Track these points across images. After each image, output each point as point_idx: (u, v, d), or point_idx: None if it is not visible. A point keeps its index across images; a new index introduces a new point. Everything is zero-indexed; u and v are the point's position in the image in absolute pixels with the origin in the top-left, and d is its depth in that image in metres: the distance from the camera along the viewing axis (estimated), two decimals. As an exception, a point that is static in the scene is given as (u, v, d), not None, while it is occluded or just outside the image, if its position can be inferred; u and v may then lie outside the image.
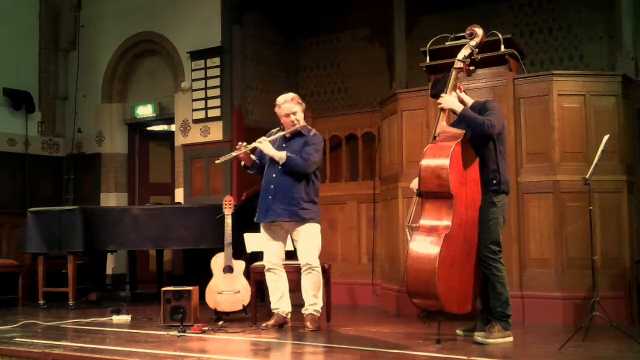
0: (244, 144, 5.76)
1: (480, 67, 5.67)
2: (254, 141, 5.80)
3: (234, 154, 5.78)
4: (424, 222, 4.85)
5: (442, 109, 5.01)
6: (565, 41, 8.07)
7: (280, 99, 5.84)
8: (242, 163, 5.90)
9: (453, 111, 5.00)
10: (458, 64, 5.07)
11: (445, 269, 4.66)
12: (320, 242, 5.77)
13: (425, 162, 4.86)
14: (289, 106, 5.79)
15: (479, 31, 5.10)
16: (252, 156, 5.86)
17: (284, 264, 5.86)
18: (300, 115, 5.82)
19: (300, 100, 5.87)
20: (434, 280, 4.60)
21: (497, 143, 4.99)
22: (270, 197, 5.72)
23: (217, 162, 5.87)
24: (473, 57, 5.11)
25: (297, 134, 5.82)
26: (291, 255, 5.91)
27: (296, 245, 5.76)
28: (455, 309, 4.85)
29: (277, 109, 5.86)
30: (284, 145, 5.80)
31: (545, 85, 6.12)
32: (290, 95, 5.86)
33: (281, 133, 5.84)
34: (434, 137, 5.01)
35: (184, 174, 9.28)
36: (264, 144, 5.74)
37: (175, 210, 7.98)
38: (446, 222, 4.76)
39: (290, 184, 5.67)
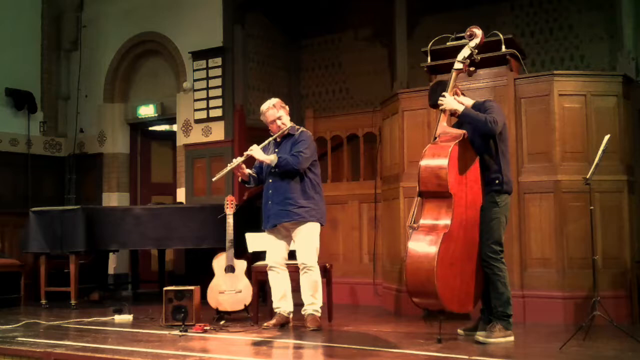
0: (237, 158, 5.82)
1: (481, 68, 5.69)
2: (253, 144, 5.85)
3: (228, 168, 5.81)
4: (424, 221, 4.87)
5: (443, 110, 5.03)
6: (566, 41, 8.08)
7: (264, 107, 5.91)
8: (240, 179, 5.98)
9: (454, 112, 5.01)
10: (458, 65, 5.09)
11: (444, 268, 4.67)
12: (318, 242, 5.78)
13: (425, 162, 4.88)
14: (273, 113, 5.84)
15: (478, 32, 5.12)
16: (248, 170, 5.90)
17: (287, 264, 5.87)
18: (285, 119, 5.87)
19: (283, 104, 5.92)
20: (433, 279, 4.61)
21: (499, 142, 5.00)
22: (269, 202, 5.78)
23: (214, 179, 5.91)
24: (473, 58, 5.13)
25: (286, 135, 5.88)
26: (293, 254, 5.92)
27: (295, 244, 5.79)
28: (456, 308, 4.86)
29: (262, 117, 5.95)
30: (276, 150, 5.85)
31: (546, 85, 6.13)
32: (273, 101, 5.91)
33: (270, 139, 5.89)
34: (435, 138, 5.02)
35: (186, 174, 9.30)
36: (255, 151, 5.79)
37: (176, 210, 7.99)
38: (445, 221, 4.77)
39: (286, 185, 5.71)
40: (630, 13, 7.13)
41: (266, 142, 5.89)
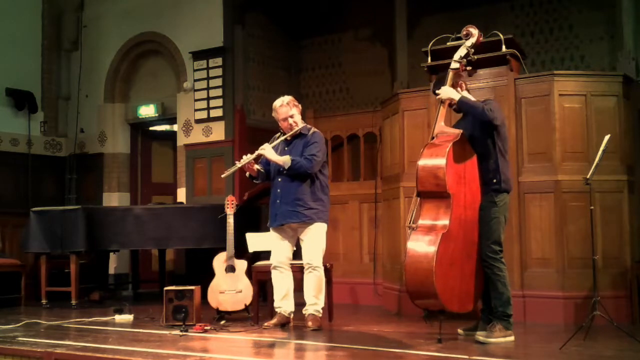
0: (248, 155, 5.79)
1: (481, 68, 5.71)
2: (257, 146, 5.85)
3: (238, 165, 5.81)
4: (423, 222, 4.87)
5: (442, 101, 5.03)
6: (566, 41, 8.08)
7: (277, 104, 5.85)
8: (248, 174, 5.94)
9: (451, 103, 5.02)
10: (454, 65, 5.10)
11: (443, 268, 4.68)
12: (324, 243, 5.78)
13: (422, 162, 4.88)
14: (286, 110, 5.80)
15: (475, 31, 5.13)
16: (257, 166, 5.87)
17: (290, 264, 5.87)
18: (297, 118, 5.84)
19: (296, 102, 5.89)
20: (432, 279, 4.62)
21: (497, 141, 5.00)
22: (277, 201, 5.76)
23: (222, 176, 5.97)
24: (469, 58, 5.14)
25: (297, 135, 5.85)
26: (296, 254, 5.92)
27: (301, 244, 5.78)
28: (456, 308, 4.86)
29: (274, 114, 5.89)
30: (286, 148, 5.83)
31: (547, 85, 6.13)
32: (286, 99, 5.86)
33: (282, 138, 5.86)
34: (432, 138, 5.03)
35: (186, 174, 9.30)
36: (267, 151, 5.75)
37: (177, 210, 7.99)
38: (444, 221, 4.78)
39: (296, 186, 5.69)
40: (630, 13, 7.13)
41: (277, 140, 5.86)
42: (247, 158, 5.77)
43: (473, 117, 4.99)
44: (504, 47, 6.07)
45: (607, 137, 5.20)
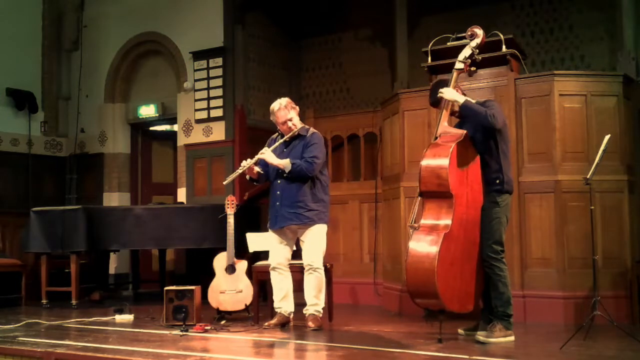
0: (248, 159, 5.79)
1: (481, 68, 5.69)
2: (257, 145, 5.85)
3: (239, 171, 5.82)
4: (425, 221, 4.87)
5: (445, 103, 5.02)
6: (567, 41, 8.09)
7: (275, 107, 5.82)
8: (248, 177, 5.92)
9: (453, 109, 5.02)
10: (459, 65, 5.09)
11: (445, 268, 4.68)
12: (325, 244, 5.78)
13: (425, 162, 4.88)
14: (284, 114, 5.78)
15: (480, 32, 5.12)
16: (256, 168, 5.87)
17: (290, 264, 5.86)
18: (296, 120, 5.82)
19: (293, 104, 5.87)
20: (433, 279, 4.62)
21: (499, 142, 5.00)
22: (277, 203, 5.75)
23: (224, 183, 5.98)
24: (474, 58, 5.14)
25: (296, 136, 5.84)
26: (295, 255, 5.93)
27: (302, 245, 5.78)
28: (456, 308, 4.86)
29: (272, 117, 5.87)
30: (285, 150, 5.81)
31: (547, 85, 6.14)
32: (284, 101, 5.83)
33: (281, 140, 5.85)
34: (435, 138, 5.03)
35: (187, 174, 9.31)
36: (267, 155, 5.74)
37: (177, 210, 7.99)
38: (446, 221, 4.78)
39: (296, 188, 5.68)
40: (630, 13, 7.13)
41: (276, 143, 5.84)
42: (247, 163, 5.76)
43: (475, 121, 4.98)
44: (504, 47, 6.07)
45: (607, 137, 5.20)
